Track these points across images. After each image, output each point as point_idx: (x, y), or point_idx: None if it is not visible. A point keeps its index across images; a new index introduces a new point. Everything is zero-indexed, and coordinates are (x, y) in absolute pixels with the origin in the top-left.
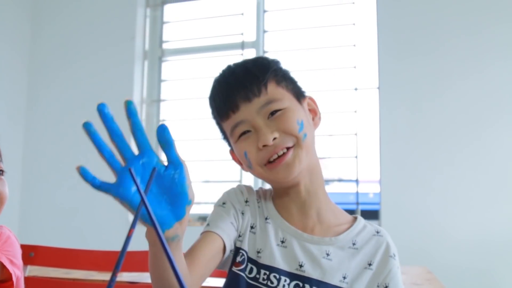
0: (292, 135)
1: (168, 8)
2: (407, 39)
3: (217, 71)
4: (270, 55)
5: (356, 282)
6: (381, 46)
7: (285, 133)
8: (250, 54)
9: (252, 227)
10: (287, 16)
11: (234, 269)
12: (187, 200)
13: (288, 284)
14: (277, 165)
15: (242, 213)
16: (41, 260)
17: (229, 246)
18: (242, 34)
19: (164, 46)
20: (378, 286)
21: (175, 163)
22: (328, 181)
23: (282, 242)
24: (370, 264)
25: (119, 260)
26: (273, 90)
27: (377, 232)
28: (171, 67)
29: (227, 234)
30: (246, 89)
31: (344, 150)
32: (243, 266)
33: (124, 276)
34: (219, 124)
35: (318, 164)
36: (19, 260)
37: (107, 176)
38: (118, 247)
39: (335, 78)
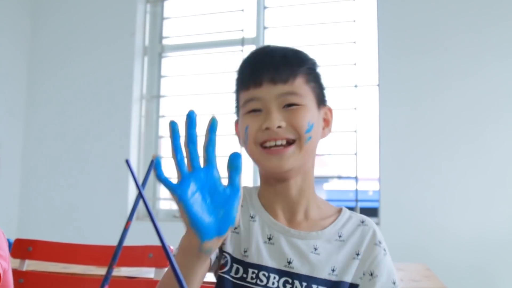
0: (297, 132)
1: (168, 4)
2: (408, 37)
3: (216, 67)
4: None
5: (345, 273)
6: (381, 43)
7: (292, 127)
8: (250, 50)
9: (235, 228)
10: (287, 12)
11: (219, 272)
12: (233, 222)
13: (278, 281)
14: (272, 153)
15: None
16: (39, 254)
17: (213, 256)
18: (242, 30)
19: (164, 42)
20: (364, 274)
21: (235, 188)
22: (327, 178)
23: (269, 239)
24: (357, 254)
25: (116, 251)
26: (300, 84)
27: (362, 222)
28: (171, 63)
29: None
30: (276, 71)
31: (344, 147)
32: (227, 268)
33: (122, 271)
34: (237, 92)
35: (313, 167)
36: (5, 252)
37: (103, 174)
38: (116, 243)
39: (335, 75)
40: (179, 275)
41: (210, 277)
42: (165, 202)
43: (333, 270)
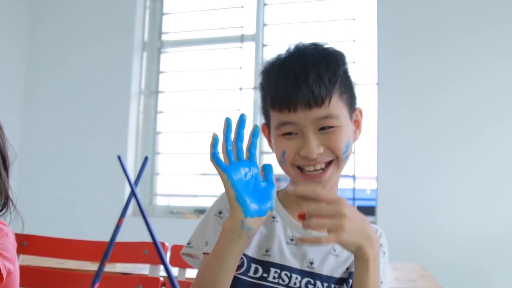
0: (336, 154)
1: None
2: (407, 36)
3: (216, 63)
4: (269, 49)
5: (352, 267)
6: (381, 42)
7: (330, 150)
8: (249, 47)
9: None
10: (287, 9)
11: (235, 273)
12: (271, 207)
13: (300, 282)
14: (311, 178)
15: None
16: (34, 249)
17: None
18: (241, 27)
19: (164, 37)
20: None
21: (270, 182)
22: None
23: (292, 240)
24: None
25: (108, 248)
26: (335, 103)
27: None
28: (170, 59)
29: None
30: (311, 95)
31: None
32: (243, 269)
33: (117, 267)
34: (265, 101)
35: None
36: (11, 253)
37: (101, 169)
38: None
39: None
40: (171, 274)
41: None
42: (162, 198)
43: (347, 269)
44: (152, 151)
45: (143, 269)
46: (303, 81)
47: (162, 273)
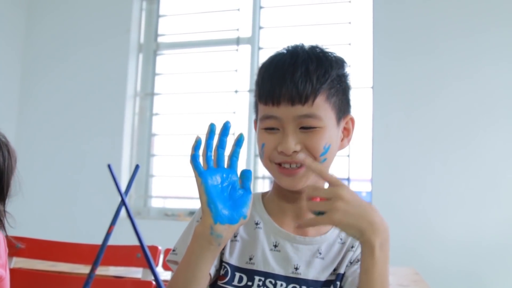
0: (312, 155)
1: (164, 2)
2: (403, 40)
3: (211, 66)
4: (265, 52)
5: (341, 266)
6: (376, 46)
7: (307, 150)
8: (245, 50)
9: (235, 236)
10: (283, 13)
11: (219, 283)
12: (244, 215)
13: None
14: (285, 173)
15: None
16: (27, 252)
17: (213, 270)
18: (237, 29)
19: (159, 39)
20: (351, 262)
21: (247, 190)
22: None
23: (275, 246)
24: (352, 247)
25: (98, 255)
26: (319, 104)
27: (341, 239)
28: (166, 61)
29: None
30: (295, 91)
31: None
32: (227, 279)
33: (110, 270)
34: (256, 97)
35: None
36: (2, 259)
37: (96, 171)
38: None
39: None
40: (158, 278)
41: None
42: (157, 200)
43: (335, 270)
44: (147, 153)
45: (136, 272)
46: (289, 76)
47: None
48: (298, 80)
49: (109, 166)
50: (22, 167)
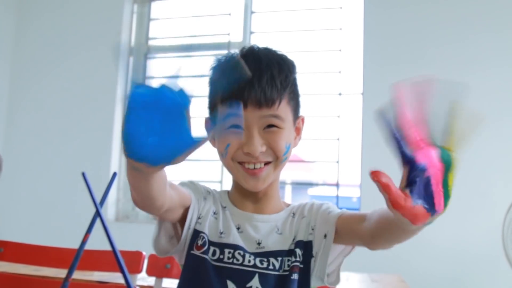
0: (276, 155)
1: (155, 5)
2: (393, 47)
3: (202, 70)
4: None
5: (298, 234)
6: (366, 52)
7: (271, 150)
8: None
9: (214, 213)
10: (275, 18)
11: (196, 252)
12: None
13: (254, 260)
14: (251, 174)
15: (204, 198)
16: (11, 256)
17: (192, 209)
18: (228, 34)
19: (150, 43)
20: (312, 229)
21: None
22: (312, 184)
23: (238, 228)
24: (304, 217)
25: (72, 264)
26: (283, 107)
27: (307, 203)
28: (157, 64)
29: (196, 199)
30: (263, 96)
31: (327, 154)
32: (205, 249)
33: (95, 276)
34: (213, 95)
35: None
36: None
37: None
38: (95, 245)
39: (319, 82)
40: (130, 282)
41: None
42: None
43: (293, 239)
44: None
45: (120, 277)
46: (256, 80)
47: (139, 282)
48: (265, 86)
49: (83, 174)
50: (10, 168)
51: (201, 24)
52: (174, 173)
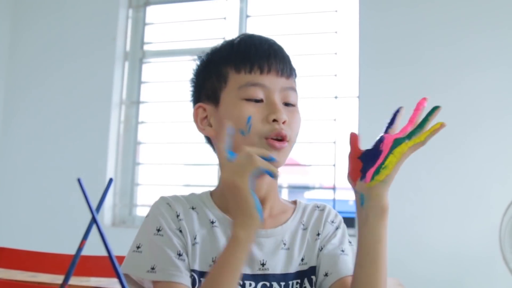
0: (293, 133)
1: (151, 10)
2: (389, 50)
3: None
4: None
5: (311, 259)
6: (362, 55)
7: (290, 128)
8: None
9: (194, 239)
10: (270, 22)
11: None
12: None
13: (255, 285)
14: (277, 148)
15: (180, 231)
16: (7, 262)
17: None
18: (224, 38)
19: (146, 47)
20: (320, 249)
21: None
22: (309, 188)
23: None
24: (318, 234)
25: (69, 271)
26: (296, 83)
27: (318, 207)
28: (152, 69)
29: (185, 273)
30: (283, 64)
31: (323, 157)
32: (196, 287)
33: (92, 281)
34: (221, 70)
35: None
36: None
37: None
38: (92, 251)
39: (315, 86)
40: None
41: None
42: (143, 208)
43: (302, 260)
44: (132, 162)
45: (117, 283)
46: (278, 48)
47: None
48: (284, 55)
49: (79, 180)
50: (6, 176)
51: (197, 29)
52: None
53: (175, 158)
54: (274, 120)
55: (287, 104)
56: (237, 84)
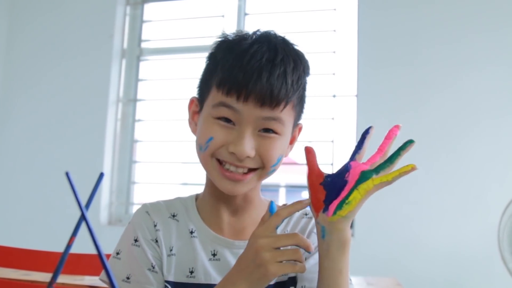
0: (264, 164)
1: (148, 7)
2: (387, 48)
3: (195, 72)
4: None
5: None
6: (361, 54)
7: (260, 158)
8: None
9: (171, 250)
10: (268, 20)
11: None
12: None
13: None
14: (228, 177)
15: (156, 241)
16: (0, 260)
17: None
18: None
19: (143, 45)
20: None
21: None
22: (306, 187)
23: (214, 255)
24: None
25: (57, 269)
26: (287, 111)
27: (306, 214)
28: (149, 67)
29: (156, 286)
30: (269, 93)
31: (321, 156)
32: None
33: (86, 280)
34: (210, 75)
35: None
36: None
37: (76, 177)
38: (87, 249)
39: (314, 84)
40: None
41: None
42: (139, 207)
43: None
44: (129, 160)
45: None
46: (266, 73)
47: None
48: (275, 81)
49: (67, 174)
50: (1, 173)
51: (195, 26)
52: (173, 176)
53: (172, 156)
54: (233, 153)
55: (267, 130)
56: (213, 101)
